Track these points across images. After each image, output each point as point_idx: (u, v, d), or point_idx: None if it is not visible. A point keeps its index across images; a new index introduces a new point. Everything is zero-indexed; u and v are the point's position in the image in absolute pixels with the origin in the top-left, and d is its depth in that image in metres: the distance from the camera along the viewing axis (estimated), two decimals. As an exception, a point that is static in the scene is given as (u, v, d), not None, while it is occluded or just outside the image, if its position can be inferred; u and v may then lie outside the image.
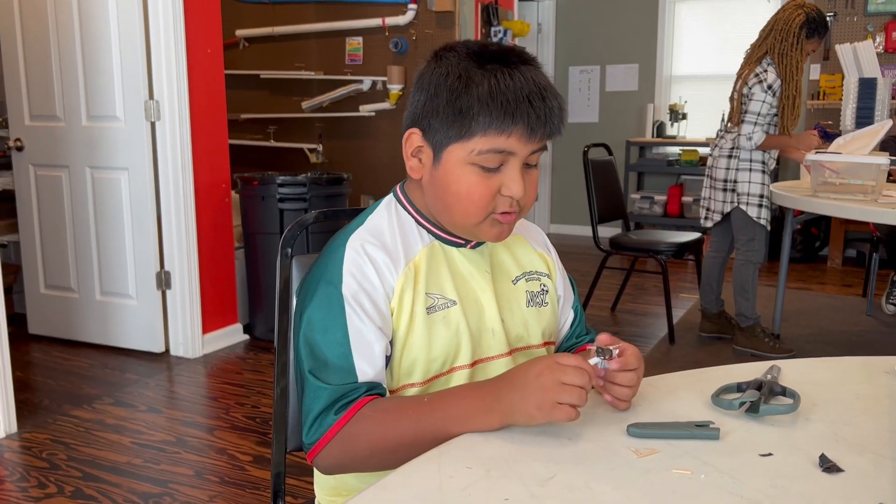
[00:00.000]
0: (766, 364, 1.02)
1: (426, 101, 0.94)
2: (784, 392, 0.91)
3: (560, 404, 0.80)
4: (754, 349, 3.39)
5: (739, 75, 3.34)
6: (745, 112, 3.22)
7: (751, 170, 3.29)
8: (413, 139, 0.97)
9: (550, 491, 0.69)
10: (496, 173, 0.93)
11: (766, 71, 3.19)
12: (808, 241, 5.69)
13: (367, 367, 0.91)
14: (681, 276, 5.13)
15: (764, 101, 3.17)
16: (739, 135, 3.24)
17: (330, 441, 0.89)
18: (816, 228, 5.69)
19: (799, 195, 3.16)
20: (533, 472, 0.73)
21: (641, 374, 0.91)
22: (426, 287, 0.98)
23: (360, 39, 4.86)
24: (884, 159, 2.95)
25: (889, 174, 3.20)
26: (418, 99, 0.96)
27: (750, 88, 3.21)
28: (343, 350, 0.91)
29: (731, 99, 3.38)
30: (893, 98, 5.14)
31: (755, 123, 3.19)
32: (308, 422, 0.90)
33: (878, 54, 5.21)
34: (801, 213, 3.40)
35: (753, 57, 3.29)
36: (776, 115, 3.26)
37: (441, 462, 0.75)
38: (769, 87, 3.17)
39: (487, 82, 0.89)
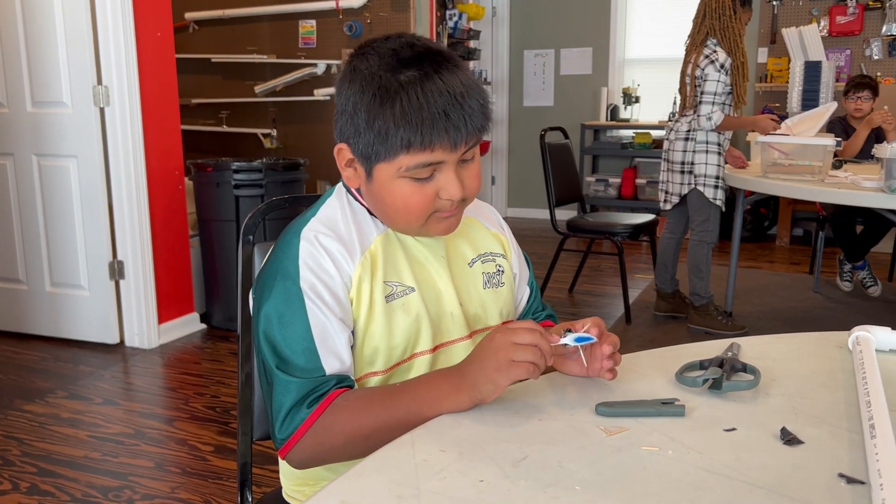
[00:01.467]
0: (726, 342, 1.05)
1: (348, 119, 0.93)
2: (744, 368, 0.94)
3: (516, 361, 0.81)
4: (708, 327, 3.47)
5: (687, 62, 3.39)
6: (702, 93, 3.27)
7: (707, 151, 3.35)
8: (343, 153, 0.96)
9: (524, 471, 0.71)
10: (430, 180, 0.92)
11: (715, 52, 3.26)
12: (758, 221, 5.83)
13: (333, 360, 0.91)
14: (636, 258, 5.22)
15: (719, 81, 3.24)
16: (698, 115, 3.30)
17: (304, 435, 0.88)
18: (765, 208, 5.83)
19: (750, 176, 3.24)
20: (506, 452, 0.74)
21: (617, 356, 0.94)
22: (384, 275, 0.97)
23: (313, 22, 4.80)
24: (829, 140, 3.04)
25: (835, 155, 3.29)
26: (341, 115, 0.94)
27: (703, 70, 3.27)
28: (307, 344, 0.90)
29: (684, 85, 3.42)
30: (837, 81, 5.28)
31: (713, 103, 3.26)
32: (280, 417, 0.89)
33: (823, 38, 5.35)
34: (752, 193, 3.48)
35: (696, 42, 3.35)
36: (730, 93, 3.32)
37: (414, 446, 0.76)
38: (721, 65, 3.24)
39: (400, 102, 0.87)
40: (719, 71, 3.23)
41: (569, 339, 0.88)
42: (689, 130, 3.39)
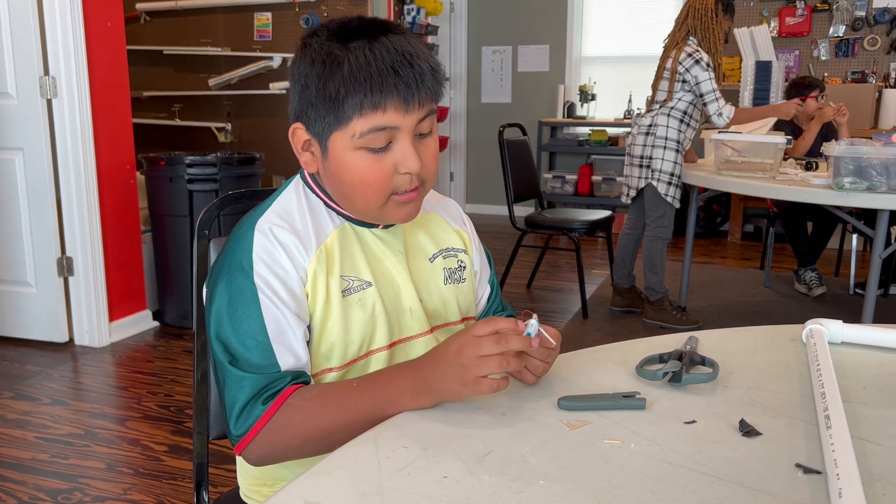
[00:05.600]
0: (684, 335, 1.06)
1: (299, 93, 0.92)
2: (703, 361, 0.95)
3: (483, 377, 0.79)
4: (663, 321, 3.52)
5: (666, 56, 3.39)
6: (700, 96, 3.30)
7: (665, 147, 3.39)
8: (298, 134, 0.95)
9: (488, 466, 0.70)
10: (387, 152, 0.90)
11: (697, 50, 3.29)
12: (710, 217, 5.95)
13: (288, 356, 0.89)
14: (592, 253, 5.28)
15: (710, 78, 3.27)
16: (710, 115, 3.31)
17: (259, 432, 0.86)
18: (718, 205, 5.95)
19: (703, 173, 3.29)
20: (469, 448, 0.74)
21: (555, 356, 0.91)
22: (341, 270, 0.96)
23: (268, 15, 4.73)
24: (780, 138, 3.10)
25: (785, 153, 3.37)
26: (294, 94, 0.93)
27: (688, 70, 3.28)
28: (261, 340, 0.88)
29: (657, 79, 3.42)
30: (786, 81, 5.41)
31: (717, 100, 3.28)
32: (234, 413, 0.87)
33: (773, 38, 5.47)
34: (705, 190, 3.55)
35: (676, 40, 3.36)
36: None
37: (377, 443, 0.75)
38: (707, 64, 3.27)
39: (348, 62, 0.86)
40: (706, 70, 3.26)
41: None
42: (650, 125, 3.42)
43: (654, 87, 3.48)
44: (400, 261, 1.01)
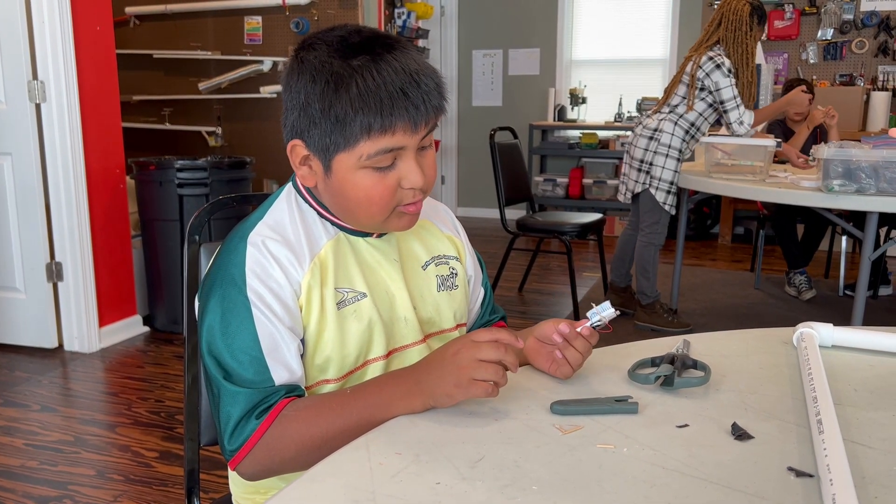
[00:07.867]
0: (676, 338, 1.06)
1: (300, 112, 0.90)
2: (695, 365, 0.95)
3: (477, 380, 0.79)
4: (654, 324, 3.53)
5: (688, 59, 3.35)
6: (720, 103, 3.24)
7: (667, 156, 3.35)
8: (297, 150, 0.93)
9: (480, 472, 0.70)
10: (391, 169, 0.90)
11: (720, 55, 3.24)
12: (701, 220, 5.97)
13: (282, 371, 0.88)
14: (584, 256, 5.28)
15: (731, 85, 3.22)
16: (730, 123, 3.25)
17: (254, 446, 0.85)
18: (708, 207, 5.97)
19: (695, 176, 3.30)
20: (462, 453, 0.73)
21: (588, 352, 0.95)
22: (335, 282, 0.95)
23: (259, 19, 4.72)
24: (770, 141, 3.12)
25: (775, 155, 3.38)
26: (292, 110, 0.91)
27: (708, 75, 3.23)
28: (255, 355, 0.87)
29: (677, 83, 3.38)
30: (776, 83, 5.44)
31: (738, 107, 3.23)
32: (228, 429, 0.86)
33: (762, 42, 5.50)
34: (696, 192, 3.55)
35: (704, 46, 3.31)
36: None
37: (370, 449, 0.74)
38: (729, 70, 3.22)
39: (356, 84, 0.84)
40: (728, 76, 3.20)
41: (594, 320, 0.92)
42: (655, 129, 3.37)
43: (669, 90, 3.41)
44: (395, 269, 1.01)
